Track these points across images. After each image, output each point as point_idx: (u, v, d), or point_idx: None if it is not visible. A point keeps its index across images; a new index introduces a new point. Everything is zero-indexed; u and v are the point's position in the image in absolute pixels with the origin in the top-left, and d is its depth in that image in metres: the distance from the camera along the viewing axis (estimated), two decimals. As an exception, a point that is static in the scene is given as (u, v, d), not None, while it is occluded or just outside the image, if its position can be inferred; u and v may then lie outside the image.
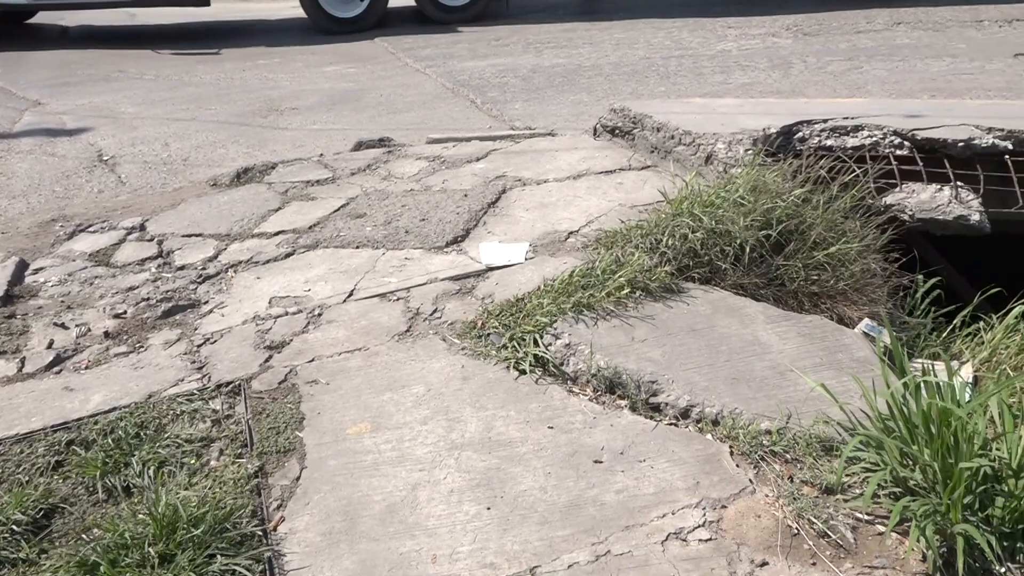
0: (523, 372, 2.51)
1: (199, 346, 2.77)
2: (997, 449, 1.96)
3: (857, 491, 2.02)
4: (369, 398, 2.44)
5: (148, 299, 3.08)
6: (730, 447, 2.18)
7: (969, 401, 2.06)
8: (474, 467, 2.13)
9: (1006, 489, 1.86)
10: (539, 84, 6.71)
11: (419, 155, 4.71)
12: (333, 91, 6.91)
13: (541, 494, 2.03)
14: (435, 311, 2.89)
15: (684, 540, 1.87)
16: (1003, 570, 1.74)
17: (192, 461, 2.18)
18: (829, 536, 1.88)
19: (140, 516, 1.95)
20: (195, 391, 2.49)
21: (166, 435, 2.28)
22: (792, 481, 2.05)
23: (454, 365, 2.57)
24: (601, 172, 4.17)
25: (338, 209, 3.89)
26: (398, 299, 3.00)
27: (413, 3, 10.47)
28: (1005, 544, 1.79)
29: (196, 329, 2.89)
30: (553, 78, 6.91)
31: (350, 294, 3.05)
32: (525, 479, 2.08)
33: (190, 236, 3.68)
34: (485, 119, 5.72)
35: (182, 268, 3.36)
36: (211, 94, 6.93)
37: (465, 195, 3.94)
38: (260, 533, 1.93)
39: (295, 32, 10.22)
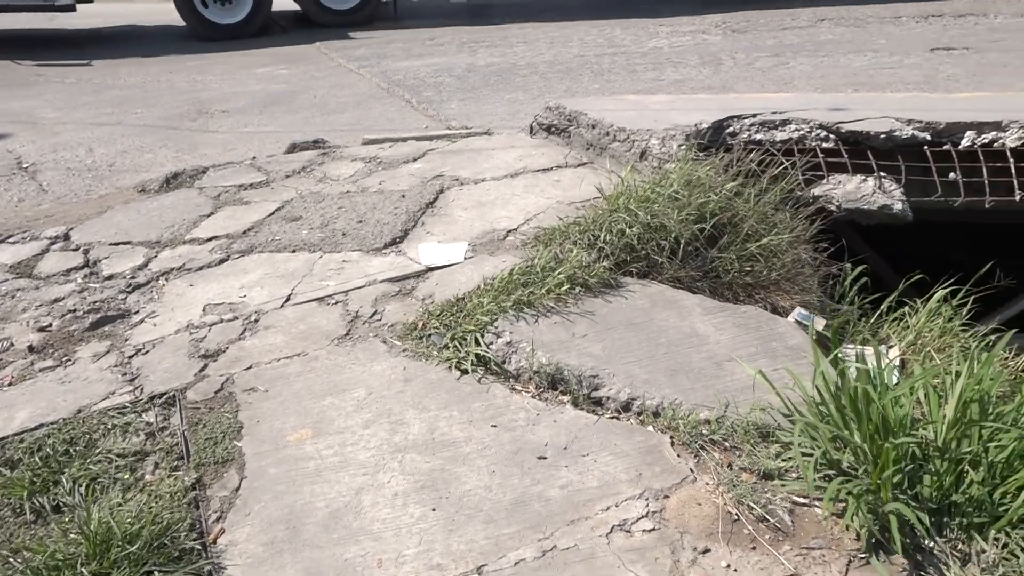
0: (465, 372, 2.50)
1: (130, 357, 2.68)
2: (924, 429, 2.04)
3: (794, 475, 2.07)
4: (309, 404, 2.40)
5: (75, 311, 2.97)
6: (671, 438, 2.22)
7: (897, 383, 2.13)
8: (418, 469, 2.12)
9: (932, 467, 1.94)
10: (474, 83, 6.71)
11: (355, 156, 4.66)
12: (265, 93, 6.78)
13: (486, 493, 2.03)
14: (375, 313, 2.86)
15: (628, 531, 1.89)
16: (931, 544, 1.81)
17: (126, 476, 2.12)
18: (768, 520, 1.93)
19: (72, 535, 1.88)
20: (127, 404, 2.41)
21: (97, 450, 2.20)
22: (731, 468, 2.09)
23: (395, 367, 2.55)
24: (538, 170, 4.19)
25: (273, 213, 3.82)
26: (337, 302, 2.96)
27: (297, 8, 10.27)
28: (933, 519, 1.86)
29: (127, 340, 2.80)
30: (488, 77, 6.92)
31: (287, 299, 3.00)
32: (470, 479, 2.08)
33: (118, 244, 3.56)
34: (421, 119, 5.69)
35: (110, 278, 3.25)
36: (137, 97, 6.73)
37: (403, 196, 3.91)
38: (199, 547, 1.88)
39: (172, 39, 9.84)
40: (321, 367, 2.58)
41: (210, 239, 3.56)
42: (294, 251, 3.40)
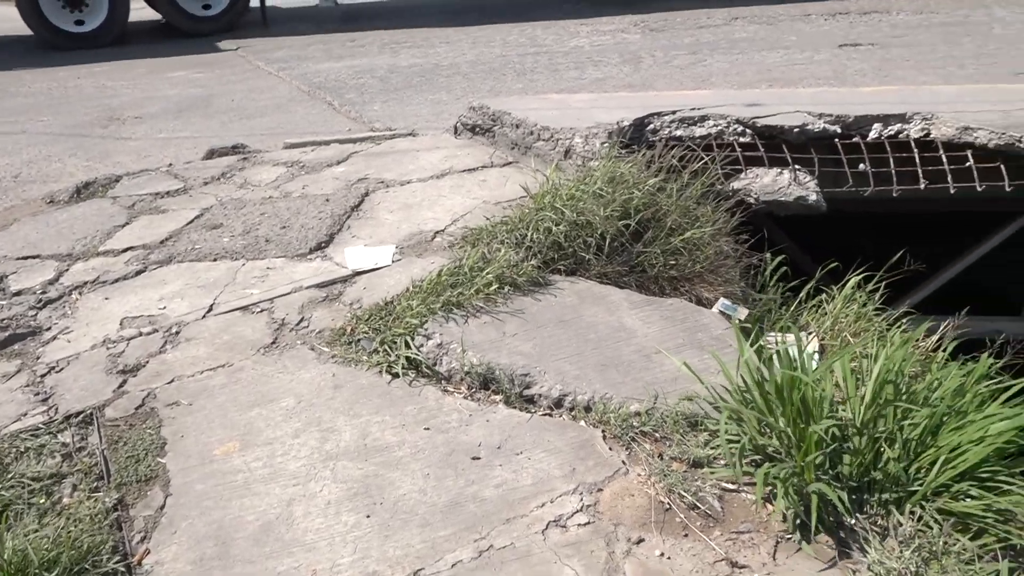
0: (396, 375, 2.48)
1: (43, 376, 2.56)
2: (843, 410, 2.11)
3: (722, 462, 2.12)
4: (236, 416, 2.34)
5: (-20, 330, 2.83)
6: (603, 431, 2.24)
7: (816, 368, 2.21)
8: (351, 476, 2.09)
9: (852, 447, 2.01)
10: (397, 84, 6.66)
11: (276, 161, 4.56)
12: (180, 97, 6.58)
13: (421, 496, 2.02)
14: (302, 320, 2.81)
15: (564, 527, 1.91)
16: (853, 521, 1.88)
17: (42, 500, 2.02)
18: (699, 507, 1.97)
19: (-17, 566, 1.78)
20: (40, 425, 2.30)
21: (9, 475, 2.09)
22: (662, 458, 2.13)
23: (324, 374, 2.51)
24: (464, 170, 4.18)
25: (192, 221, 3.71)
26: (262, 311, 2.89)
27: (159, 16, 9.95)
28: (854, 497, 1.93)
29: (39, 358, 2.67)
30: (411, 78, 6.87)
31: (209, 309, 2.91)
32: (404, 483, 2.06)
33: (26, 258, 3.40)
34: (344, 121, 5.61)
35: (18, 294, 3.10)
36: (42, 104, 6.44)
37: (327, 200, 3.85)
38: (123, 569, 1.81)
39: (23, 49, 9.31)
40: (247, 377, 2.51)
41: (126, 250, 3.44)
42: (215, 260, 3.30)
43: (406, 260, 3.18)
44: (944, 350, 2.67)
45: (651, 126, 4.18)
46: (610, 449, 2.18)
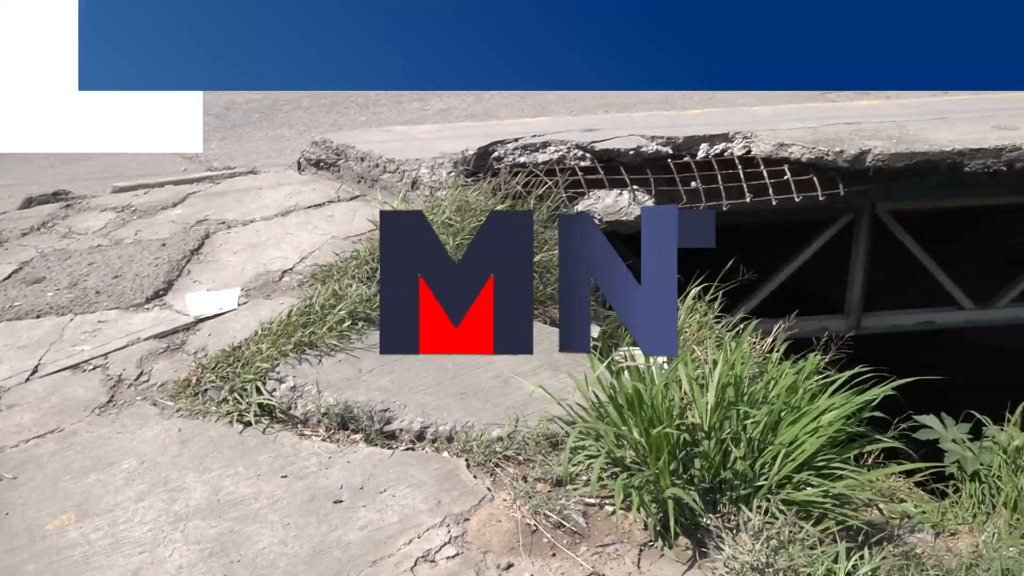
0: (248, 424, 2.37)
1: None
2: (691, 416, 2.22)
3: (584, 478, 2.17)
4: (70, 484, 2.15)
5: None
6: (466, 460, 2.24)
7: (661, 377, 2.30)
8: (204, 536, 1.97)
9: (702, 450, 2.11)
10: (235, 121, 6.44)
11: (104, 206, 4.28)
12: (-10, 143, 6.05)
13: (282, 548, 1.93)
14: (141, 374, 2.63)
15: (433, 561, 1.88)
16: (707, 521, 1.97)
17: None
18: (564, 525, 2.00)
19: None
20: None
21: None
22: (526, 481, 2.15)
23: (169, 430, 2.36)
24: (310, 206, 4.09)
25: (9, 276, 3.41)
26: (95, 368, 2.69)
27: None
28: (707, 498, 2.02)
29: None
30: (250, 114, 6.67)
31: (34, 371, 2.68)
32: (263, 536, 1.96)
33: None
34: (179, 161, 5.35)
35: None
36: None
37: (163, 244, 3.65)
38: (-60, 672, 1.61)
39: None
40: (81, 442, 2.32)
41: (-70, 313, 3.10)
42: (39, 316, 3.05)
43: (253, 302, 3.06)
44: (777, 351, 2.86)
45: (495, 154, 4.26)
46: (475, 477, 2.17)
